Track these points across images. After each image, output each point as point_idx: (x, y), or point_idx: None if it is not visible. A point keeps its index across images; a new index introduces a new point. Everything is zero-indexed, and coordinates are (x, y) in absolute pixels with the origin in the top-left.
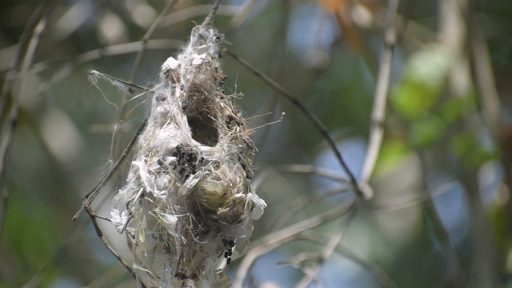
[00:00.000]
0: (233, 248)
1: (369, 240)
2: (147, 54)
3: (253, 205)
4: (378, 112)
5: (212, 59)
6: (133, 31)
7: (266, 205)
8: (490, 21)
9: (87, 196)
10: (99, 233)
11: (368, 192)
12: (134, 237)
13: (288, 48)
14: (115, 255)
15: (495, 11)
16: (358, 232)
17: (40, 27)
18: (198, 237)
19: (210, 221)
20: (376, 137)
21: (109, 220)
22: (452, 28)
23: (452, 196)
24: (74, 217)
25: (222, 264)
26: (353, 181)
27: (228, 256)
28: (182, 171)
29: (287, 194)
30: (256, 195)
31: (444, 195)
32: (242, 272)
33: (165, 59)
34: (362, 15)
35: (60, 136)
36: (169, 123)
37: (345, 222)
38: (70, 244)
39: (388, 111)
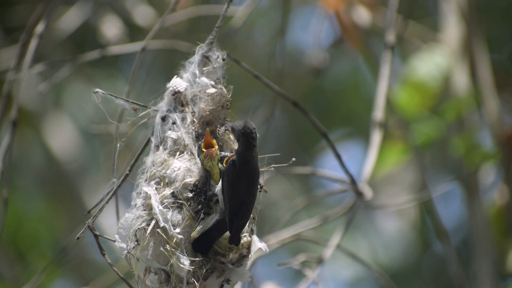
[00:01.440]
0: (228, 284)
1: (368, 240)
2: (147, 54)
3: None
4: (378, 113)
5: (225, 87)
6: (133, 31)
7: (268, 250)
8: (490, 21)
9: (89, 212)
10: (102, 252)
11: (368, 192)
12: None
13: (288, 48)
14: (118, 274)
15: (495, 11)
16: (358, 233)
17: (40, 27)
18: (202, 279)
19: (218, 263)
20: (376, 137)
21: (112, 240)
22: (452, 28)
23: (452, 196)
24: (77, 236)
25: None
26: (353, 181)
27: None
28: (197, 211)
29: (287, 195)
30: (258, 239)
31: (444, 195)
32: None
33: (167, 59)
34: (362, 15)
35: (60, 136)
36: (182, 152)
37: (345, 223)
38: (70, 244)
39: (388, 111)
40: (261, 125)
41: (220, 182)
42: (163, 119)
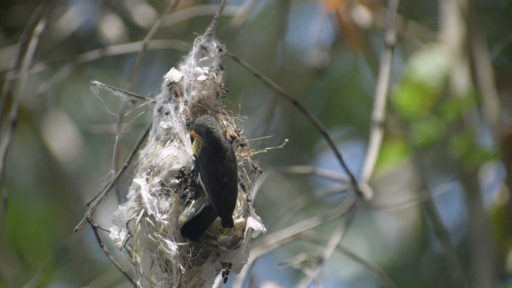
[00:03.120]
0: (231, 268)
1: (368, 240)
2: (147, 54)
3: (252, 228)
4: (378, 112)
5: (216, 74)
6: (133, 31)
7: (265, 230)
8: (490, 21)
9: (88, 205)
10: (101, 244)
11: (368, 192)
12: (132, 256)
13: (288, 48)
14: (118, 268)
15: (495, 11)
16: (357, 232)
17: (40, 27)
18: (196, 264)
19: (210, 246)
20: (376, 137)
21: (108, 231)
22: (452, 28)
23: (452, 196)
24: (76, 228)
25: (218, 278)
26: (353, 181)
27: (226, 275)
28: (184, 196)
29: (287, 194)
30: (256, 220)
31: (444, 195)
32: (242, 272)
33: (166, 59)
34: (362, 15)
35: (60, 136)
36: (171, 140)
37: (345, 223)
38: (70, 244)
39: (388, 111)
40: (261, 125)
41: (199, 170)
42: (159, 110)
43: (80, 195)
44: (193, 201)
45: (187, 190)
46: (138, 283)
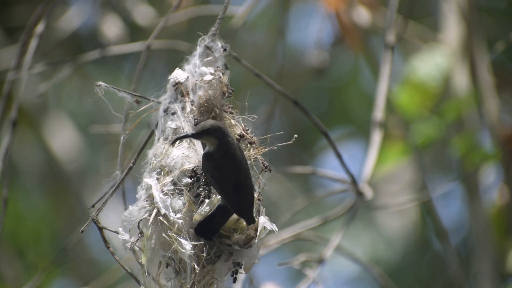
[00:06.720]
0: (241, 268)
1: (369, 240)
2: (149, 53)
3: (263, 228)
4: (378, 113)
5: (222, 74)
6: (133, 31)
7: (277, 229)
8: (490, 21)
9: (93, 206)
10: (107, 245)
11: (368, 192)
12: (139, 256)
13: (288, 48)
14: (125, 269)
15: (495, 11)
16: (358, 232)
17: (40, 27)
18: (209, 263)
19: (224, 245)
20: (376, 137)
21: (116, 232)
22: (452, 28)
23: (452, 196)
24: (81, 229)
25: (228, 277)
26: (354, 181)
27: (235, 275)
28: (197, 195)
29: (287, 194)
30: (267, 220)
31: (444, 195)
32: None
33: (167, 59)
34: (362, 15)
35: (61, 136)
36: (181, 140)
37: (346, 223)
38: (70, 244)
39: (388, 111)
40: (261, 125)
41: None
42: (165, 111)
43: (80, 195)
44: (207, 200)
45: (200, 189)
46: (143, 283)
